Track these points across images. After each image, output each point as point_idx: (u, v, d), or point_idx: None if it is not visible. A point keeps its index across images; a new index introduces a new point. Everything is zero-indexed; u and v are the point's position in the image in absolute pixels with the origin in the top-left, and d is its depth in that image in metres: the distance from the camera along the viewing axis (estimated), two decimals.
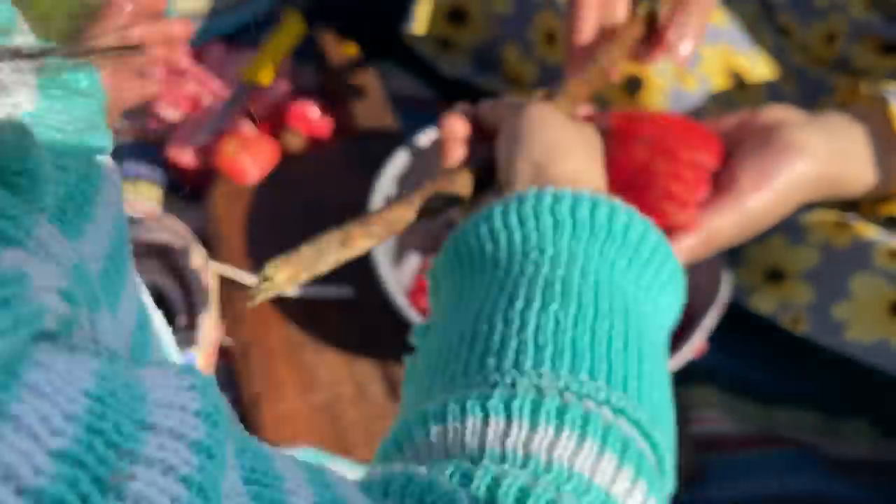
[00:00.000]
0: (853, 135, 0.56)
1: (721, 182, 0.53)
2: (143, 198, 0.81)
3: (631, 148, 0.54)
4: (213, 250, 0.73)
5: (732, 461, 0.70)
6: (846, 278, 0.59)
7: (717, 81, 0.70)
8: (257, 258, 0.72)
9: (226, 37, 0.96)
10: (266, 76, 0.86)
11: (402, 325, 0.60)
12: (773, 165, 0.51)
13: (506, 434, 0.32)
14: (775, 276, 0.63)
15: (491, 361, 0.35)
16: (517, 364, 0.34)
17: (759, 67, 0.73)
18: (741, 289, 0.65)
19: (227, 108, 0.83)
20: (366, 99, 0.89)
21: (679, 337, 0.64)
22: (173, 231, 0.69)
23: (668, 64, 0.69)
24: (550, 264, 0.37)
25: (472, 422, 0.32)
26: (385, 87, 0.93)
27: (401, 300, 0.60)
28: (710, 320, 0.62)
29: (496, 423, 0.32)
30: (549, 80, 0.76)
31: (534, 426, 0.32)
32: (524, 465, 0.31)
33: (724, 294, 0.63)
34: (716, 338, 0.76)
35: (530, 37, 0.75)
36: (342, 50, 0.94)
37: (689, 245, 0.51)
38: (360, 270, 0.68)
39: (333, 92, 0.91)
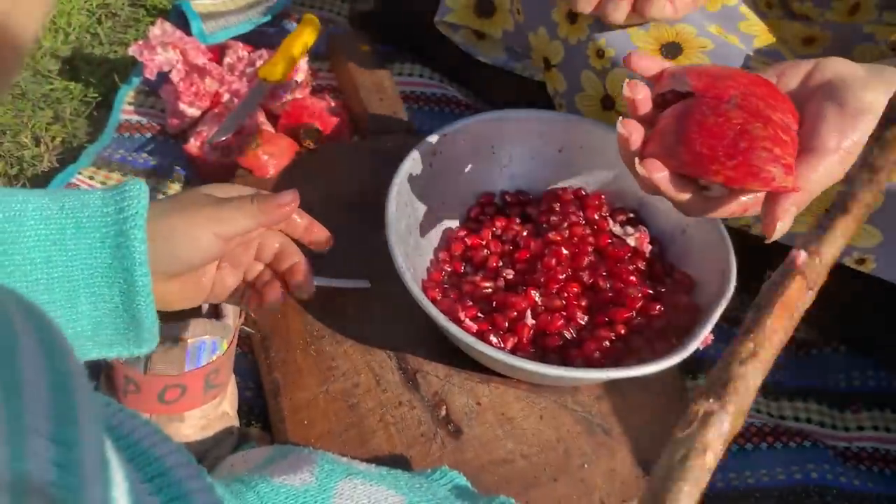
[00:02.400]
0: None
1: (804, 141, 0.54)
2: (164, 192, 0.83)
3: (725, 112, 0.53)
4: None
5: (739, 452, 0.71)
6: None
7: (761, 40, 0.71)
8: None
9: (244, 35, 0.98)
10: (283, 74, 0.88)
11: (417, 316, 0.62)
12: (852, 127, 0.54)
13: None
14: None
15: None
16: None
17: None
18: (800, 234, 0.66)
19: (246, 105, 0.85)
20: (379, 96, 0.90)
21: (687, 330, 0.65)
22: None
23: (711, 27, 0.70)
24: None
25: None
26: (398, 85, 0.95)
27: (416, 291, 0.61)
28: (717, 313, 0.63)
29: None
30: (572, 59, 0.77)
31: None
32: None
33: (731, 288, 0.64)
34: (722, 330, 0.78)
35: (555, 18, 0.76)
36: (357, 49, 0.96)
37: (798, 202, 0.53)
38: (376, 262, 0.70)
39: (348, 89, 0.93)
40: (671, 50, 0.69)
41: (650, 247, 0.72)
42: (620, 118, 0.56)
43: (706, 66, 0.57)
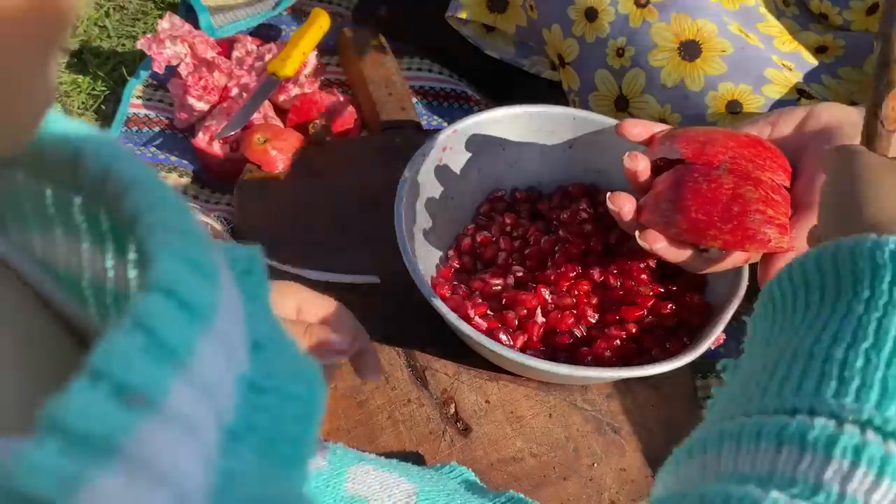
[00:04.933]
0: None
1: (800, 195, 0.55)
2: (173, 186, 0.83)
3: (716, 178, 0.55)
4: (241, 238, 0.75)
5: None
6: None
7: (780, 42, 0.71)
8: (283, 245, 0.73)
9: (253, 29, 0.98)
10: (292, 68, 0.87)
11: (426, 313, 0.62)
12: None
13: (798, 461, 0.32)
14: None
15: (789, 387, 0.34)
16: (817, 392, 0.33)
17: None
18: None
19: (255, 100, 0.85)
20: (388, 91, 0.90)
21: (699, 329, 0.65)
22: (202, 220, 0.70)
23: (731, 24, 0.69)
24: (865, 306, 0.36)
25: (765, 446, 0.33)
26: (407, 80, 0.94)
27: (426, 288, 0.61)
28: (729, 312, 0.63)
29: (788, 452, 0.32)
30: (587, 57, 0.77)
31: (828, 458, 0.31)
32: (814, 493, 0.31)
33: (743, 287, 0.64)
34: (734, 329, 0.77)
35: (571, 16, 0.76)
36: (366, 43, 0.95)
37: None
38: (385, 258, 0.69)
39: (357, 84, 0.92)
40: (689, 49, 0.69)
41: None
42: (609, 194, 0.59)
43: (693, 131, 0.59)
